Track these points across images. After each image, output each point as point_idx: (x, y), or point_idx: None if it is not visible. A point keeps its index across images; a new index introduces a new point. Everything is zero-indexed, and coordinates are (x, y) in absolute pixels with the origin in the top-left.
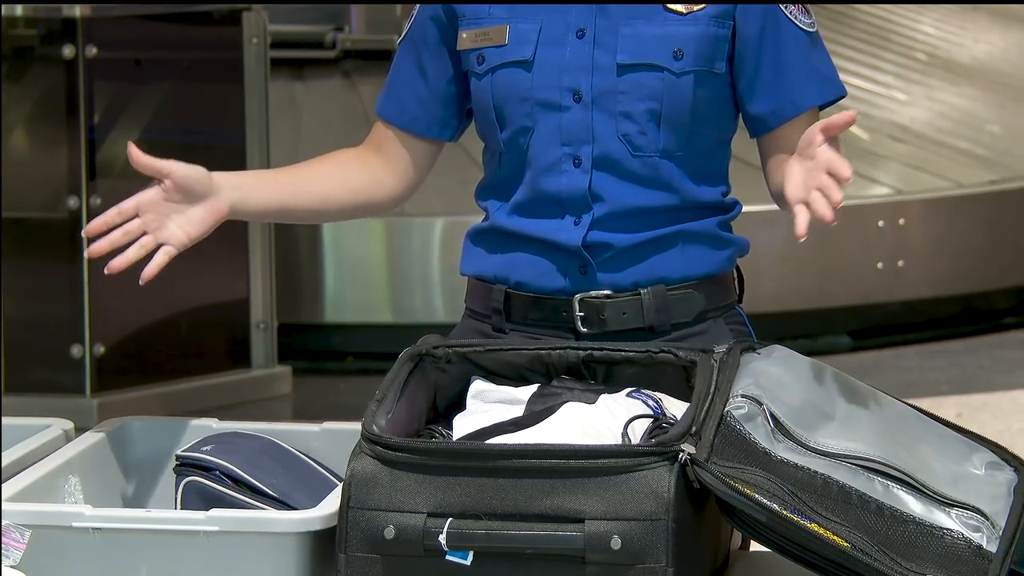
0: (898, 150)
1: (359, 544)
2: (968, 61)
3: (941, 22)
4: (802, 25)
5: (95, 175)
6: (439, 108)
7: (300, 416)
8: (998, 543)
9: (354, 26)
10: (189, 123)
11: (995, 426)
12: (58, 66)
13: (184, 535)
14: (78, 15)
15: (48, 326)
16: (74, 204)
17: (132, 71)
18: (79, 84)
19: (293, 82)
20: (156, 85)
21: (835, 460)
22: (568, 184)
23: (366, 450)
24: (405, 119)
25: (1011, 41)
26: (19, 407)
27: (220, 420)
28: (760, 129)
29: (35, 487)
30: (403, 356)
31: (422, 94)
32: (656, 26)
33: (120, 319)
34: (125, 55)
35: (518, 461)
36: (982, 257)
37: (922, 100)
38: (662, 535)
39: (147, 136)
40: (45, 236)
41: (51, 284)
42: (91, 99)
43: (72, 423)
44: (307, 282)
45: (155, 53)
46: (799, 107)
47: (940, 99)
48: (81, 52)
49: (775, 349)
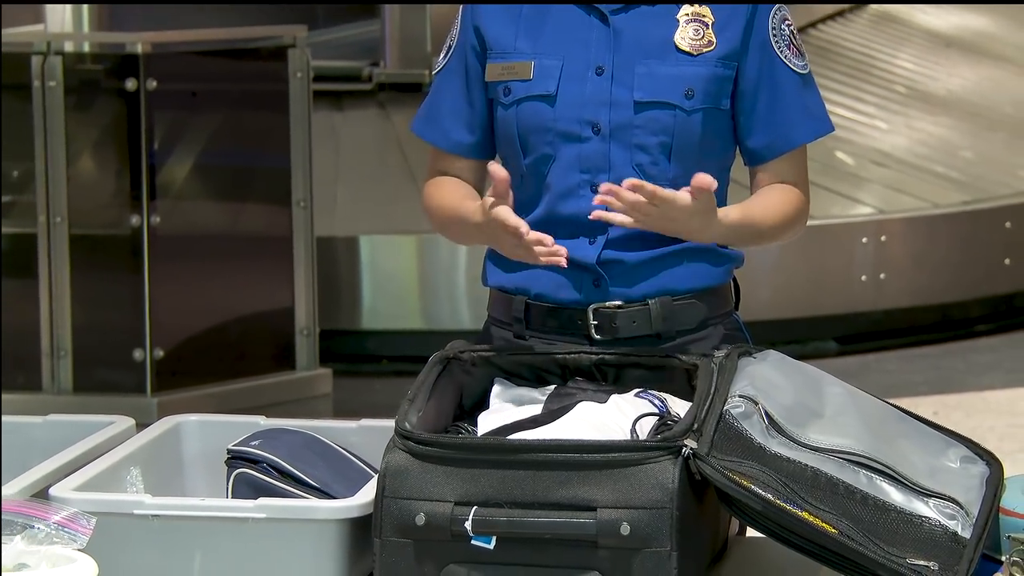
0: (880, 174)
1: (392, 530)
2: (943, 93)
3: (918, 58)
4: (795, 68)
5: (155, 196)
6: (481, 132)
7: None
8: (972, 530)
9: (388, 61)
10: (240, 148)
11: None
12: (122, 98)
13: (234, 522)
14: (140, 51)
15: (113, 332)
16: (136, 222)
17: (188, 102)
18: (140, 114)
19: (333, 112)
20: (210, 114)
21: (824, 454)
22: (586, 208)
23: (399, 445)
24: (449, 141)
25: (982, 75)
26: (86, 405)
27: (267, 417)
28: (755, 161)
29: (100, 478)
30: (432, 359)
31: (468, 119)
32: (669, 66)
33: (177, 326)
34: (182, 87)
35: (537, 455)
36: (957, 270)
37: (902, 128)
38: (667, 522)
39: (202, 160)
40: (110, 251)
41: (115, 294)
42: (151, 127)
43: (134, 420)
44: (346, 292)
45: (209, 85)
46: (792, 143)
47: (918, 128)
48: (143, 85)
49: (769, 354)
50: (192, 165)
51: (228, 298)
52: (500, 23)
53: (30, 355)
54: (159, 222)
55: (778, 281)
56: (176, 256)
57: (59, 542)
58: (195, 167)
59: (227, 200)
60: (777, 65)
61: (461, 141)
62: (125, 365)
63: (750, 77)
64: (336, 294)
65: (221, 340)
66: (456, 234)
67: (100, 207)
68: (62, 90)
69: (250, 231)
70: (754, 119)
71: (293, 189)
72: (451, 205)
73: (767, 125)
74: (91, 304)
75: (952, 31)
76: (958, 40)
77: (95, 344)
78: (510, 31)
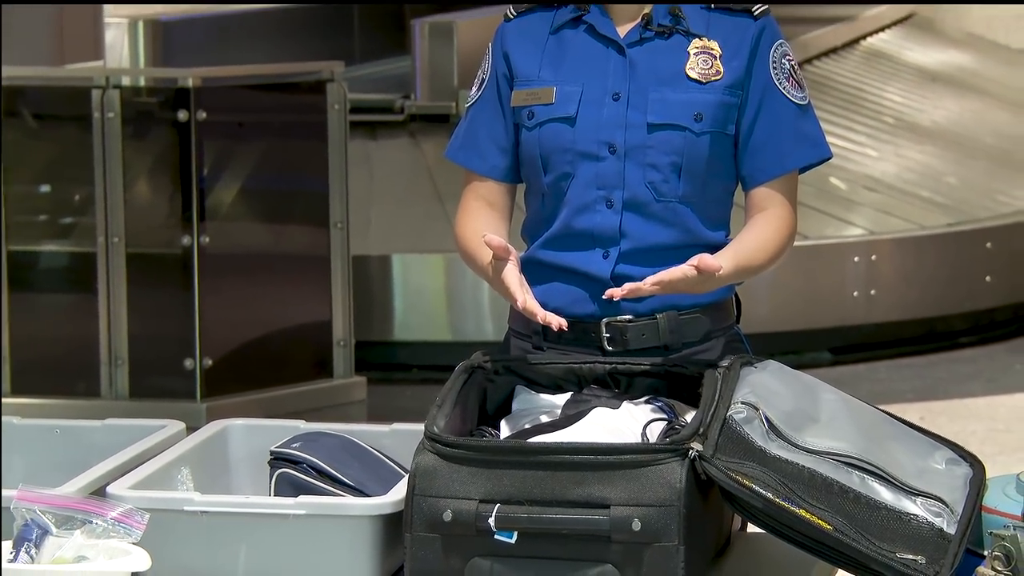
0: (870, 198)
1: (422, 525)
2: (929, 124)
3: (906, 91)
4: (794, 99)
5: (204, 218)
6: (513, 155)
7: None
8: (956, 526)
9: (418, 95)
10: (282, 174)
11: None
12: (174, 128)
13: (277, 518)
14: (191, 85)
15: (166, 342)
16: (187, 242)
17: (235, 131)
18: (191, 142)
19: (368, 141)
20: (255, 143)
21: (820, 456)
22: (601, 222)
23: (428, 447)
24: (487, 166)
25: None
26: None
27: (307, 421)
28: (750, 183)
29: (153, 477)
30: (459, 369)
31: (503, 144)
32: (680, 92)
33: (225, 337)
34: (229, 118)
35: (554, 456)
36: (941, 287)
37: (890, 156)
38: (675, 519)
39: (247, 185)
40: (164, 268)
41: (168, 308)
42: (201, 155)
43: (184, 424)
44: (379, 306)
45: (254, 116)
46: (784, 168)
47: (905, 155)
48: (193, 116)
49: (769, 363)
50: (238, 189)
51: (271, 311)
52: (526, 54)
53: (90, 364)
54: (208, 242)
55: (777, 297)
56: (224, 273)
57: (115, 536)
58: (241, 191)
59: (270, 221)
60: (776, 95)
61: (497, 165)
62: (177, 373)
63: (751, 105)
64: (370, 308)
65: (265, 350)
66: (473, 271)
67: (154, 228)
68: (120, 121)
69: (291, 250)
70: (751, 144)
71: (331, 211)
72: (471, 247)
73: (762, 150)
74: (146, 317)
75: (937, 67)
76: (943, 75)
77: (149, 354)
78: (535, 61)
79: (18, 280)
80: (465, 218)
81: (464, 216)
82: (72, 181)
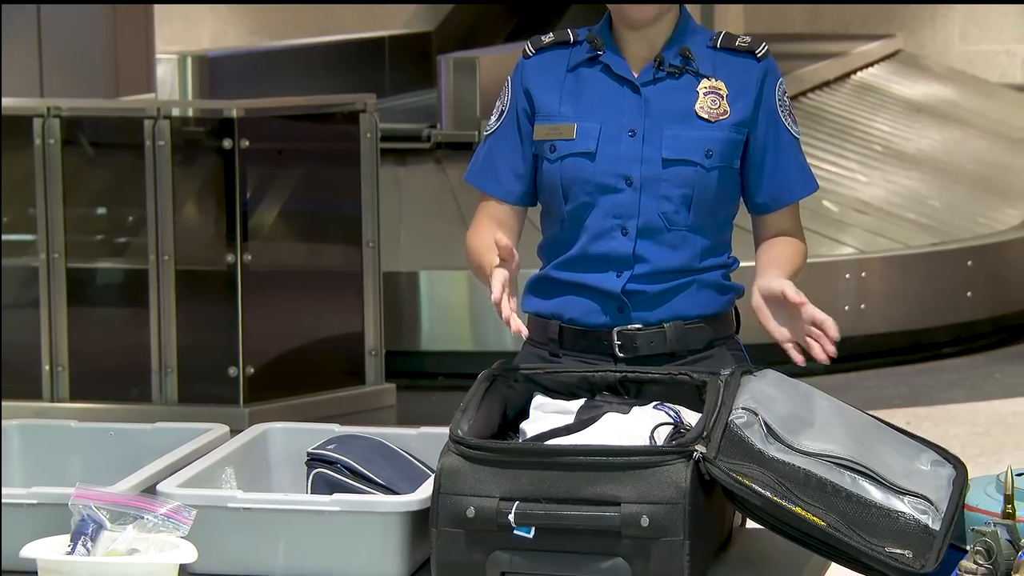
0: (860, 219)
1: (447, 521)
2: (914, 152)
3: (893, 121)
4: (794, 132)
5: (247, 237)
6: (529, 182)
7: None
8: (941, 523)
9: (444, 124)
10: (318, 197)
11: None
12: (219, 155)
13: (313, 514)
14: (235, 116)
15: (211, 352)
16: (231, 260)
17: (275, 158)
18: (235, 168)
19: (397, 167)
20: (293, 169)
21: (814, 458)
22: (616, 248)
23: (452, 449)
24: (503, 191)
25: (947, 136)
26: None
27: (341, 425)
28: (761, 211)
29: (199, 476)
30: (481, 376)
31: (520, 171)
32: (692, 130)
33: (266, 347)
34: (270, 146)
35: (569, 458)
36: (926, 302)
37: (879, 181)
38: (680, 516)
39: (287, 207)
40: (210, 284)
41: (214, 320)
42: (244, 180)
43: (228, 427)
44: (407, 319)
45: (293, 144)
46: (793, 197)
47: (893, 180)
48: (237, 144)
49: (767, 373)
50: (278, 211)
51: (308, 323)
52: (547, 90)
53: (142, 372)
54: (250, 259)
55: None
56: (265, 288)
57: (165, 531)
58: (281, 213)
59: (308, 241)
60: (781, 130)
61: (513, 190)
62: (221, 380)
63: (758, 140)
64: (399, 320)
65: (302, 359)
66: (477, 276)
67: (201, 247)
68: (170, 149)
69: (327, 267)
70: (762, 176)
71: (363, 231)
72: (478, 252)
73: (772, 181)
74: (193, 329)
75: (922, 99)
76: (927, 107)
77: (196, 362)
78: (555, 97)
79: (77, 295)
80: (475, 231)
81: (475, 230)
82: (126, 204)
